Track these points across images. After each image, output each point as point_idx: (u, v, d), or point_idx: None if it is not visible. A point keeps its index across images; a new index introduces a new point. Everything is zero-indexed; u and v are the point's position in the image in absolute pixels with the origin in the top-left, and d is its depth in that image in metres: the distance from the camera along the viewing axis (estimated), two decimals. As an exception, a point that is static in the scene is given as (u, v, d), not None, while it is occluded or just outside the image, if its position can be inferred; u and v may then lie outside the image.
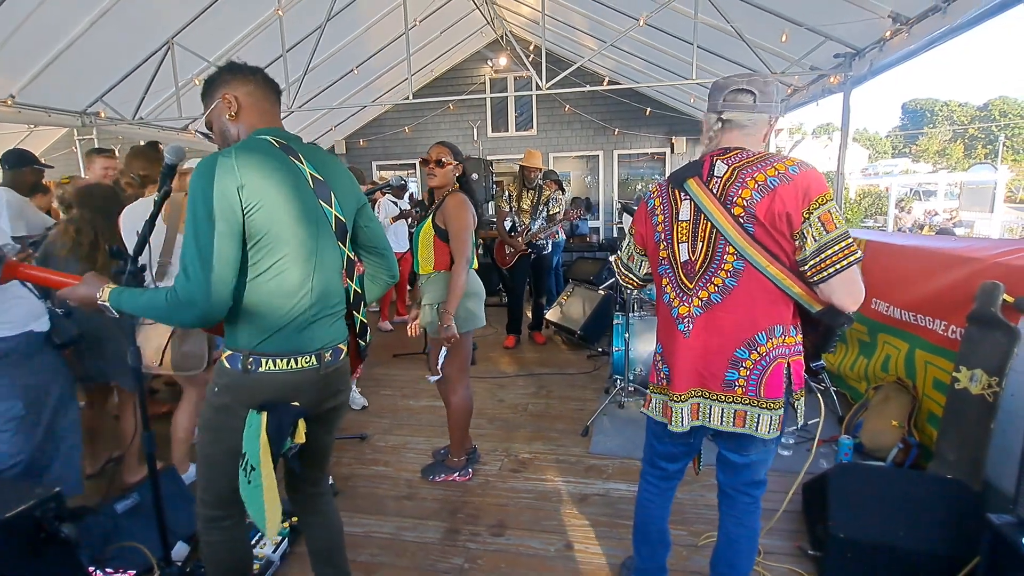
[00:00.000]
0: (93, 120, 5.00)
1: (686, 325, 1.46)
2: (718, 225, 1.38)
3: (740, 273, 1.38)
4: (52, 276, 1.44)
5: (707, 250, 1.42)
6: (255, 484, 1.24)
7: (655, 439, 1.70)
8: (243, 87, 1.36)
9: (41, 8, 3.55)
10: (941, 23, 3.09)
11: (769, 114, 1.43)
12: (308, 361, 1.34)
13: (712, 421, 1.46)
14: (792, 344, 1.42)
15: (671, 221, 1.49)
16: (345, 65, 6.41)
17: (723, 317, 1.41)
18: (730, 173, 1.38)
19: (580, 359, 4.55)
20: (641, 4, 4.67)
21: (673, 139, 8.12)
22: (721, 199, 1.38)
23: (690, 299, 1.46)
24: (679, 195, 1.47)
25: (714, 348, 1.43)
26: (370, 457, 2.96)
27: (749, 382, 1.40)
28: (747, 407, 1.42)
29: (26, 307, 2.05)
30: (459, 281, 2.35)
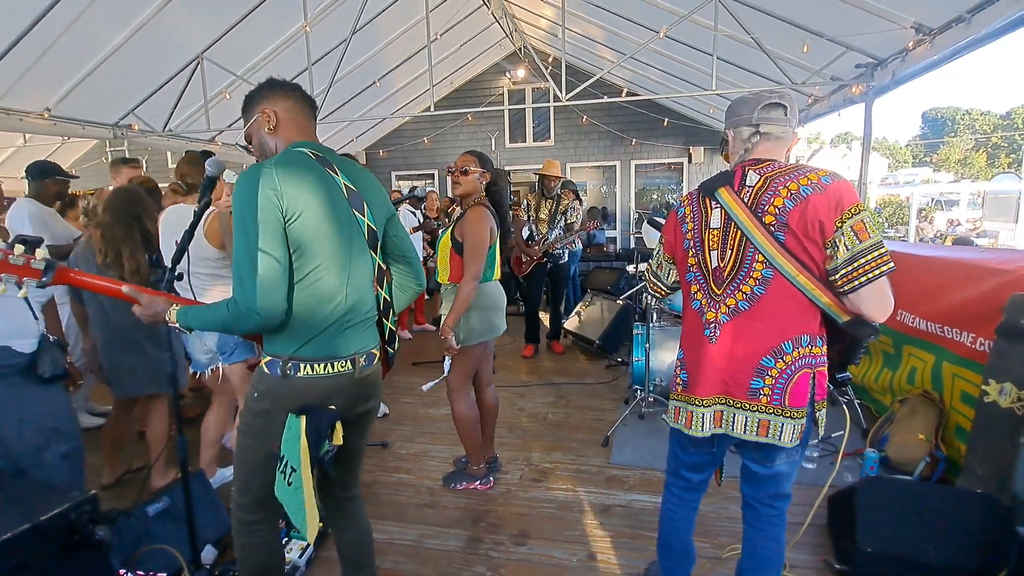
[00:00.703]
0: (125, 132, 5.16)
1: (713, 331, 1.48)
2: (748, 233, 1.40)
3: (769, 282, 1.39)
4: (101, 282, 1.49)
5: (736, 258, 1.43)
6: (295, 486, 1.27)
7: (679, 448, 1.70)
8: (283, 102, 1.42)
9: (76, 25, 3.69)
10: (965, 34, 3.07)
11: (794, 128, 1.48)
12: (344, 366, 1.38)
13: (736, 429, 1.46)
14: (818, 355, 1.42)
15: (701, 229, 1.51)
16: (368, 78, 6.54)
17: (750, 325, 1.42)
18: (762, 182, 1.40)
19: (599, 369, 4.54)
20: (660, 16, 4.71)
21: (691, 149, 8.12)
22: (752, 208, 1.40)
23: (718, 305, 1.47)
24: (710, 204, 1.50)
25: (740, 356, 1.44)
26: (392, 464, 2.98)
27: (774, 391, 1.41)
28: (771, 416, 1.42)
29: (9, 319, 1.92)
30: (462, 295, 2.37)
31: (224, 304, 1.29)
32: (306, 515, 1.28)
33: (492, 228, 2.44)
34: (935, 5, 3.15)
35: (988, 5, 2.83)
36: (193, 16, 4.25)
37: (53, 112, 4.43)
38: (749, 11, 4.07)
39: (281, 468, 1.30)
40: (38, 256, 1.37)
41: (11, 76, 3.84)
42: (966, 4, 2.94)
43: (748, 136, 1.48)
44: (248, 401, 1.41)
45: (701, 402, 1.49)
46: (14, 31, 3.51)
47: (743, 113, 1.49)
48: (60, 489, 1.89)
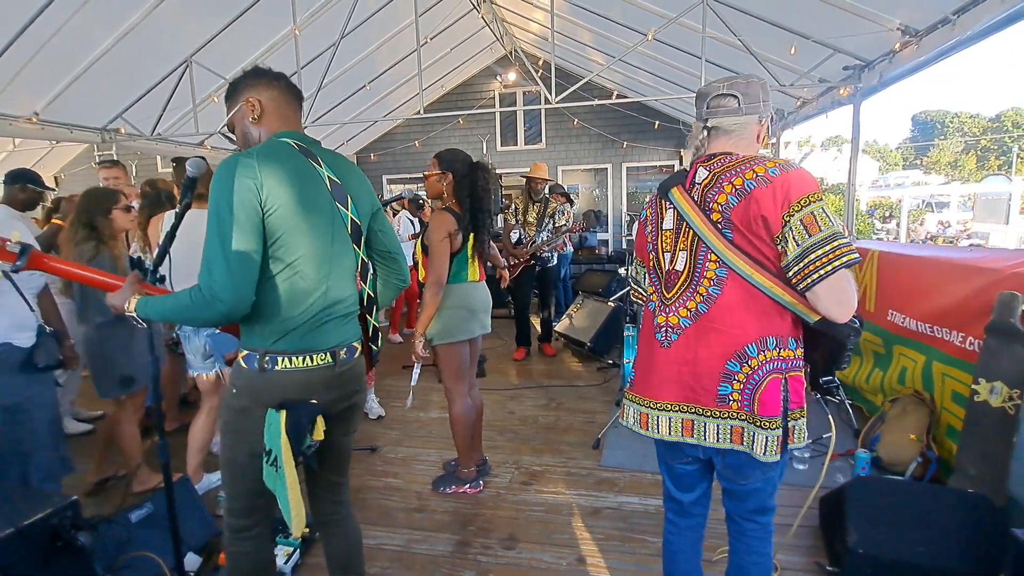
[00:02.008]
0: (113, 136, 5.12)
1: (664, 335, 1.41)
2: (699, 232, 1.34)
3: (723, 281, 1.32)
4: (77, 270, 1.46)
5: (690, 259, 1.37)
6: (281, 478, 1.25)
7: (661, 462, 1.60)
8: (267, 91, 1.39)
9: (64, 29, 3.67)
10: (950, 35, 3.09)
11: (759, 115, 1.38)
12: (323, 359, 1.36)
13: (708, 439, 1.37)
14: (789, 358, 1.32)
15: (656, 230, 1.47)
16: (358, 81, 6.52)
17: (711, 328, 1.34)
18: (710, 178, 1.35)
19: (590, 371, 4.53)
20: (649, 19, 4.73)
21: (682, 152, 8.14)
22: (700, 205, 1.35)
23: (672, 309, 1.40)
24: (664, 204, 1.45)
25: (704, 361, 1.35)
26: (380, 469, 2.95)
27: (743, 396, 1.32)
28: (744, 423, 1.33)
29: (10, 315, 1.98)
30: (425, 300, 2.40)
31: (187, 291, 1.25)
32: (291, 508, 1.26)
33: (452, 232, 2.41)
34: (920, 7, 3.18)
35: (973, 6, 2.85)
36: (182, 19, 4.23)
37: (41, 116, 4.39)
38: (736, 14, 4.09)
39: (270, 461, 1.28)
40: (13, 239, 1.35)
41: (0, 81, 3.80)
42: (951, 5, 2.96)
43: (699, 132, 1.42)
44: (227, 398, 1.38)
45: (655, 404, 1.43)
46: (3, 36, 3.48)
47: (697, 107, 1.43)
48: (42, 494, 1.87)
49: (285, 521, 1.30)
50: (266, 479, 1.31)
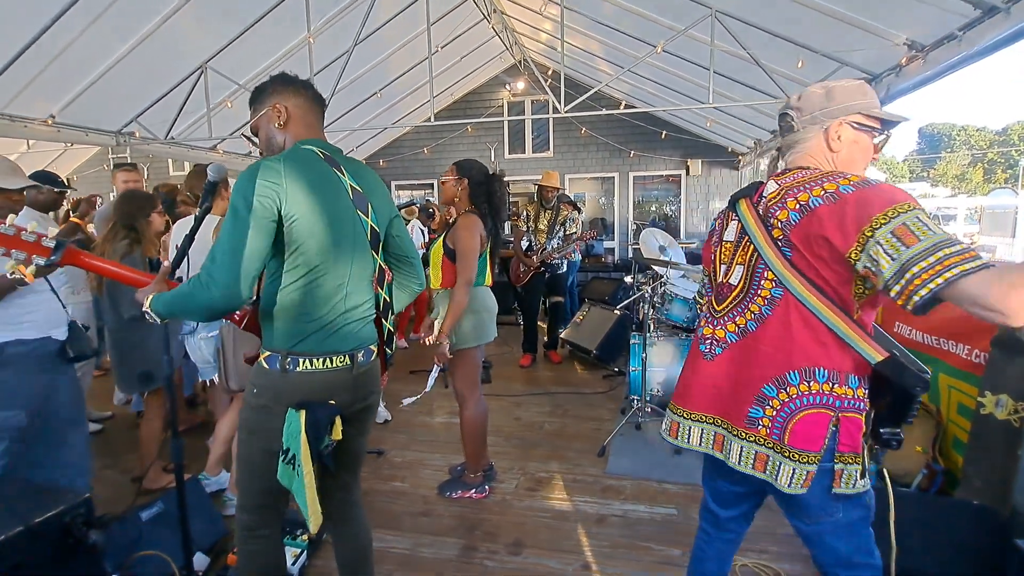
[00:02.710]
0: (127, 139, 5.19)
1: (708, 347, 1.37)
2: (759, 247, 1.27)
3: (777, 302, 1.24)
4: (112, 267, 1.49)
5: (747, 274, 1.31)
6: (299, 476, 1.28)
7: (704, 475, 1.55)
8: (294, 98, 1.43)
9: (84, 35, 3.74)
10: (957, 51, 3.12)
11: (819, 125, 1.28)
12: (342, 361, 1.39)
13: (731, 458, 1.32)
14: (845, 396, 1.20)
15: (719, 241, 1.43)
16: (369, 88, 6.60)
17: (756, 348, 1.28)
18: (777, 193, 1.28)
19: (595, 379, 4.54)
20: (658, 31, 4.78)
21: (689, 162, 8.18)
22: (764, 220, 1.28)
23: (719, 323, 1.36)
24: (731, 216, 1.40)
25: (742, 380, 1.30)
26: (387, 472, 2.97)
27: (774, 423, 1.24)
28: (769, 451, 1.25)
29: (47, 312, 2.05)
30: (456, 301, 2.40)
31: (191, 279, 1.27)
32: (308, 506, 1.29)
33: (482, 235, 2.48)
34: (927, 23, 3.21)
35: (978, 23, 2.88)
36: (198, 26, 4.30)
37: (57, 119, 4.47)
38: (745, 27, 4.13)
39: (287, 460, 1.30)
40: (50, 234, 1.38)
41: (17, 84, 3.88)
42: (957, 22, 2.99)
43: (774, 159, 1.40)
44: (247, 397, 1.42)
45: (689, 415, 1.40)
46: (21, 40, 3.55)
47: None
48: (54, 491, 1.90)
49: (300, 519, 1.33)
50: (281, 477, 1.34)
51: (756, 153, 7.15)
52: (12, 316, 1.95)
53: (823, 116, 1.27)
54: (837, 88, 1.27)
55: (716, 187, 8.28)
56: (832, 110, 1.27)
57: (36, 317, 2.02)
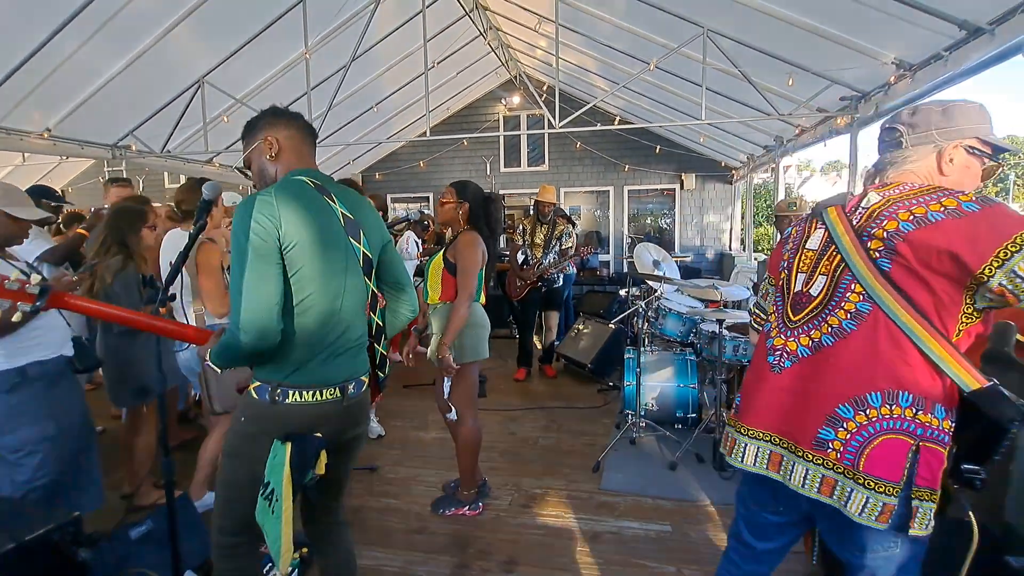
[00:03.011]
0: (123, 153, 5.20)
1: (777, 359, 1.28)
2: (847, 258, 1.19)
3: (864, 317, 1.16)
4: (98, 307, 1.49)
5: (829, 285, 1.22)
6: (277, 514, 1.26)
7: (740, 501, 1.44)
8: (285, 130, 1.45)
9: (82, 49, 3.77)
10: (944, 70, 3.19)
11: (932, 144, 1.20)
12: (332, 393, 1.39)
13: (794, 480, 1.22)
14: (929, 426, 1.11)
15: (797, 248, 1.34)
16: (366, 102, 6.65)
17: (832, 364, 1.19)
18: (882, 203, 1.19)
19: (590, 393, 4.53)
20: (651, 49, 4.85)
21: (683, 176, 8.25)
22: (859, 230, 1.20)
23: (792, 334, 1.27)
24: (815, 224, 1.32)
25: (812, 397, 1.21)
26: (380, 489, 2.95)
27: (847, 448, 1.15)
28: (839, 476, 1.16)
29: (57, 330, 2.13)
30: (458, 315, 2.41)
31: (227, 333, 1.31)
32: (282, 545, 1.27)
33: (483, 252, 2.51)
34: (914, 43, 3.28)
35: (963, 44, 2.94)
36: (196, 42, 4.34)
37: (53, 132, 4.48)
38: (736, 46, 4.21)
39: (265, 494, 1.29)
40: (33, 281, 1.38)
41: (13, 97, 3.89)
42: (943, 42, 3.06)
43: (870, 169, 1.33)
44: (235, 424, 1.41)
45: (747, 431, 1.31)
46: (18, 54, 3.57)
47: None
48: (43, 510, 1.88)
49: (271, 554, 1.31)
50: (258, 513, 1.32)
51: (749, 168, 7.23)
52: (27, 340, 2.01)
53: (939, 136, 1.20)
54: (956, 108, 1.21)
55: (710, 201, 8.35)
56: (950, 131, 1.20)
57: (48, 338, 2.08)
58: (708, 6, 3.93)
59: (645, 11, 4.36)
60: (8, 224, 1.98)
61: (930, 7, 2.85)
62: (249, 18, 4.39)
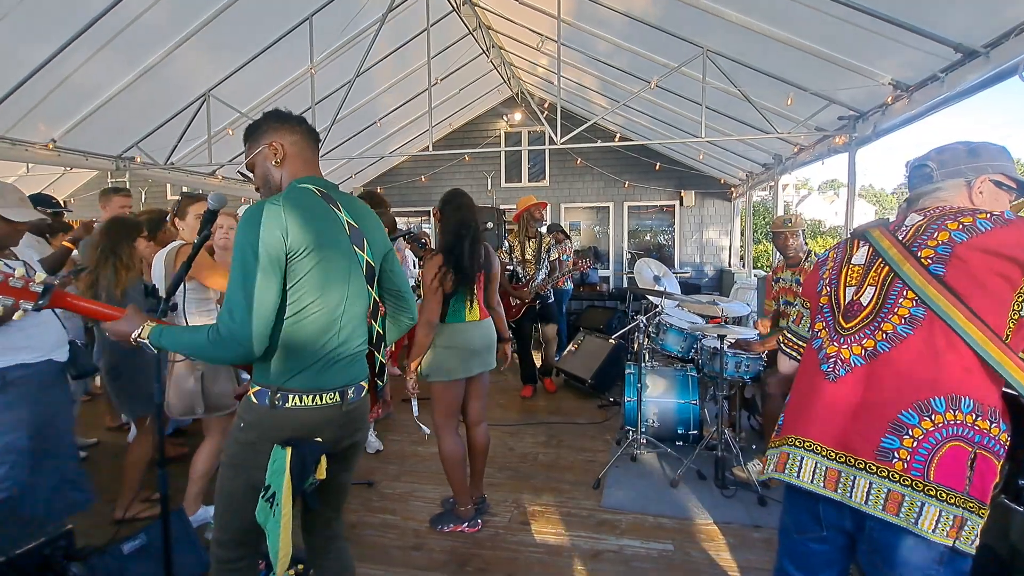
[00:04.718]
0: (127, 164, 5.24)
1: (832, 366, 1.26)
2: (896, 267, 1.22)
3: (918, 321, 1.16)
4: (97, 307, 1.49)
5: (878, 294, 1.25)
6: (277, 517, 1.25)
7: (783, 534, 1.38)
8: (289, 136, 1.45)
9: (89, 62, 3.81)
10: (940, 91, 3.23)
11: (962, 177, 1.28)
12: (332, 398, 1.38)
13: (856, 497, 1.15)
14: (986, 432, 1.09)
15: (840, 266, 1.37)
16: (369, 117, 6.72)
17: (890, 369, 1.17)
18: (925, 222, 1.25)
19: (590, 408, 4.50)
20: (651, 68, 4.93)
21: (682, 192, 8.32)
22: (907, 244, 1.24)
23: (846, 342, 1.26)
24: (857, 243, 1.37)
25: (871, 405, 1.18)
26: (377, 504, 2.91)
27: (915, 456, 1.10)
28: (907, 490, 1.10)
29: (51, 334, 2.07)
30: (417, 339, 2.43)
31: (205, 329, 1.28)
32: (280, 549, 1.26)
33: (442, 272, 2.42)
34: (911, 65, 3.33)
35: (959, 66, 2.99)
36: (202, 56, 4.40)
37: (58, 143, 4.51)
38: (735, 66, 4.27)
39: (266, 497, 1.28)
40: (37, 280, 1.38)
41: (20, 109, 3.92)
42: (938, 64, 3.11)
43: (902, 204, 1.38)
44: (234, 431, 1.40)
45: (802, 442, 1.25)
46: (26, 66, 3.61)
47: None
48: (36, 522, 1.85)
49: (269, 557, 1.30)
50: (258, 514, 1.31)
51: (748, 185, 7.29)
52: (14, 341, 1.95)
53: (969, 170, 1.28)
54: (981, 147, 1.31)
55: (709, 217, 8.40)
56: (980, 166, 1.28)
57: (37, 341, 2.03)
58: (708, 27, 4.00)
59: (645, 31, 4.44)
60: (2, 226, 1.96)
61: (925, 30, 2.90)
62: (256, 34, 4.46)
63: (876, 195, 44.34)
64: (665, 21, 4.23)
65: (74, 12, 3.42)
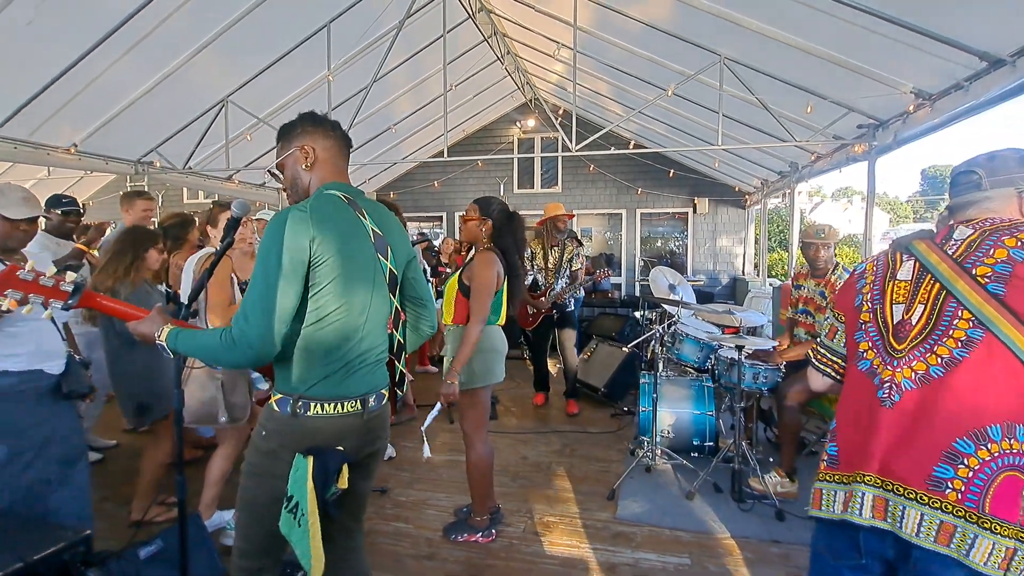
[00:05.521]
0: (146, 168, 5.31)
1: (888, 392, 1.20)
2: (948, 284, 1.17)
3: (976, 344, 1.11)
4: (124, 308, 1.49)
5: (931, 312, 1.19)
6: (304, 528, 1.24)
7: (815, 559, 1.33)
8: (323, 140, 1.45)
9: (112, 68, 3.87)
10: (963, 100, 3.18)
11: (1014, 187, 1.24)
12: (353, 406, 1.37)
13: (906, 527, 1.11)
14: None
15: (883, 281, 1.31)
16: (384, 122, 6.77)
17: (945, 395, 1.13)
18: (977, 235, 1.21)
19: (603, 417, 4.46)
20: (667, 75, 4.90)
21: (696, 200, 8.27)
22: (959, 260, 1.19)
23: (898, 364, 1.21)
24: (900, 256, 1.31)
25: (925, 432, 1.13)
26: (391, 512, 2.90)
27: (970, 487, 1.07)
28: (960, 521, 1.06)
29: (41, 344, 1.96)
30: (469, 338, 2.35)
31: (217, 332, 1.28)
32: (311, 557, 1.25)
33: (499, 272, 2.46)
34: (933, 73, 3.28)
35: (984, 74, 2.94)
36: (222, 62, 4.45)
37: (79, 147, 4.58)
38: (753, 73, 4.24)
39: (289, 508, 1.27)
40: (67, 279, 1.39)
41: (43, 113, 3.99)
42: (962, 73, 3.06)
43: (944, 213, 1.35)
44: (255, 439, 1.39)
45: (865, 478, 1.18)
46: (49, 72, 3.67)
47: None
48: (54, 527, 1.86)
49: (303, 566, 1.29)
50: (282, 526, 1.30)
51: (763, 193, 7.23)
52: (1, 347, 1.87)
53: (1021, 179, 1.24)
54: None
55: (723, 225, 8.33)
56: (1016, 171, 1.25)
57: (26, 349, 1.93)
58: (725, 35, 3.97)
59: (662, 39, 4.42)
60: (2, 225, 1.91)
61: (950, 39, 2.86)
62: (275, 40, 4.50)
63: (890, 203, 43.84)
64: (682, 28, 4.21)
65: (99, 18, 3.47)
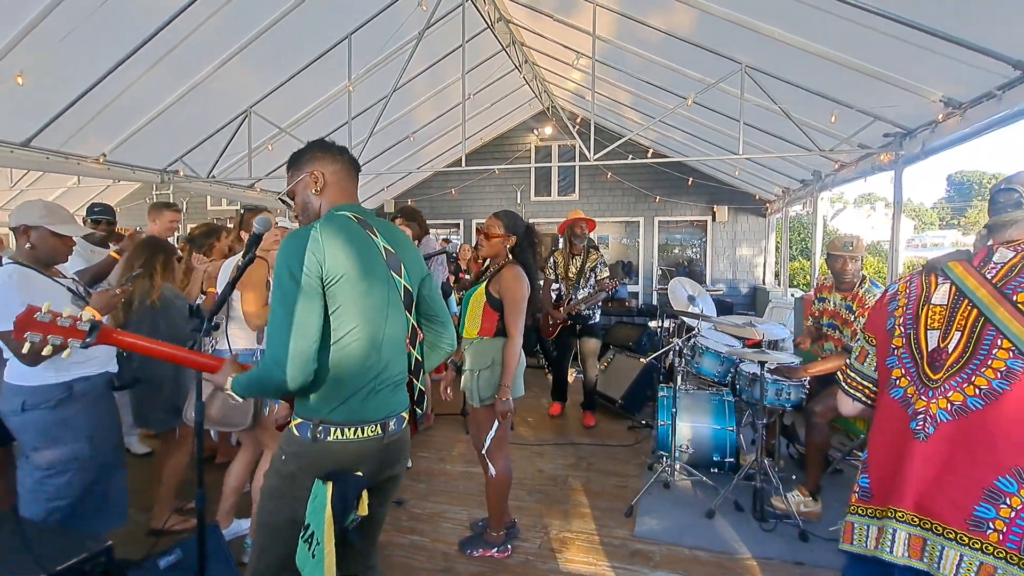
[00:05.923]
0: (171, 177, 5.42)
1: (922, 424, 1.16)
2: (987, 311, 1.13)
3: (1017, 376, 1.07)
4: (142, 342, 1.51)
5: (968, 340, 1.15)
6: (319, 559, 1.23)
7: None
8: (331, 165, 1.47)
9: (139, 81, 3.97)
10: (996, 109, 3.08)
11: None
12: (373, 431, 1.37)
13: (945, 569, 1.07)
14: None
15: (917, 305, 1.27)
16: (402, 131, 6.83)
17: (984, 430, 1.09)
18: (1019, 259, 1.17)
19: (620, 430, 4.40)
20: (687, 83, 4.86)
21: (715, 208, 8.17)
22: (999, 285, 1.16)
23: (933, 395, 1.17)
24: (935, 279, 1.27)
25: (965, 469, 1.09)
26: (406, 524, 2.88)
27: (1012, 528, 1.03)
28: (1000, 562, 1.03)
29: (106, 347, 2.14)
30: (513, 354, 2.36)
31: (260, 363, 1.31)
32: None
33: (527, 287, 2.44)
34: (963, 81, 3.19)
35: (1018, 83, 2.85)
36: (244, 75, 4.54)
37: (108, 157, 4.70)
38: (775, 81, 4.17)
39: (305, 537, 1.26)
40: (83, 318, 1.41)
41: (74, 125, 4.10)
42: (995, 81, 2.97)
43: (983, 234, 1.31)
44: (275, 463, 1.39)
45: (897, 514, 1.15)
46: (81, 84, 3.78)
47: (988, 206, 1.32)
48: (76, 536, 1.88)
49: None
50: (299, 560, 1.29)
51: (785, 201, 7.11)
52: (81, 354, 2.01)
53: None
54: None
55: (743, 233, 8.22)
56: None
57: (98, 353, 2.13)
58: (746, 43, 3.93)
59: (682, 47, 4.38)
60: (53, 241, 2.05)
61: (981, 46, 2.78)
62: (297, 52, 4.58)
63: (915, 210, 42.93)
64: (703, 37, 4.17)
65: (126, 34, 3.57)
